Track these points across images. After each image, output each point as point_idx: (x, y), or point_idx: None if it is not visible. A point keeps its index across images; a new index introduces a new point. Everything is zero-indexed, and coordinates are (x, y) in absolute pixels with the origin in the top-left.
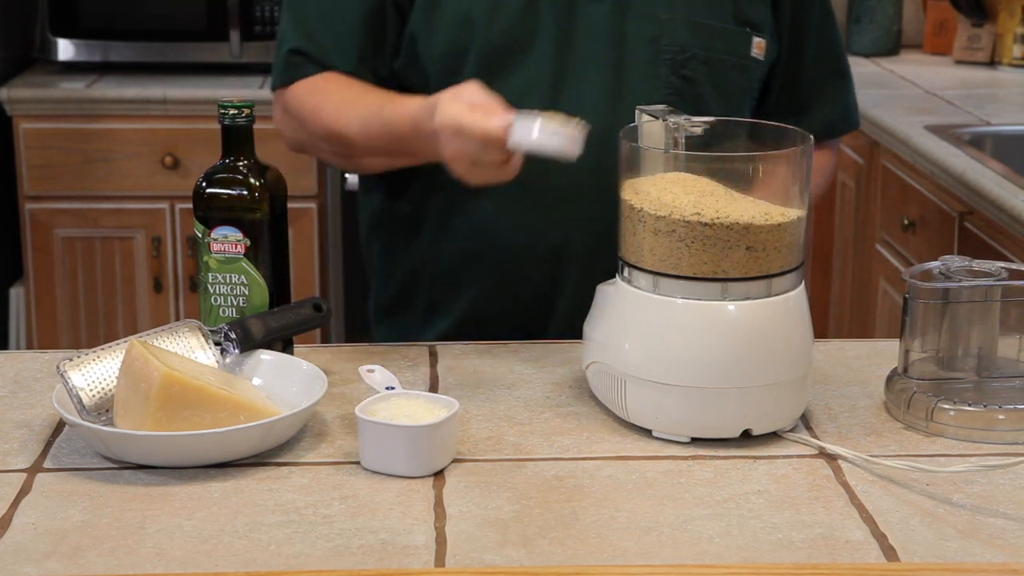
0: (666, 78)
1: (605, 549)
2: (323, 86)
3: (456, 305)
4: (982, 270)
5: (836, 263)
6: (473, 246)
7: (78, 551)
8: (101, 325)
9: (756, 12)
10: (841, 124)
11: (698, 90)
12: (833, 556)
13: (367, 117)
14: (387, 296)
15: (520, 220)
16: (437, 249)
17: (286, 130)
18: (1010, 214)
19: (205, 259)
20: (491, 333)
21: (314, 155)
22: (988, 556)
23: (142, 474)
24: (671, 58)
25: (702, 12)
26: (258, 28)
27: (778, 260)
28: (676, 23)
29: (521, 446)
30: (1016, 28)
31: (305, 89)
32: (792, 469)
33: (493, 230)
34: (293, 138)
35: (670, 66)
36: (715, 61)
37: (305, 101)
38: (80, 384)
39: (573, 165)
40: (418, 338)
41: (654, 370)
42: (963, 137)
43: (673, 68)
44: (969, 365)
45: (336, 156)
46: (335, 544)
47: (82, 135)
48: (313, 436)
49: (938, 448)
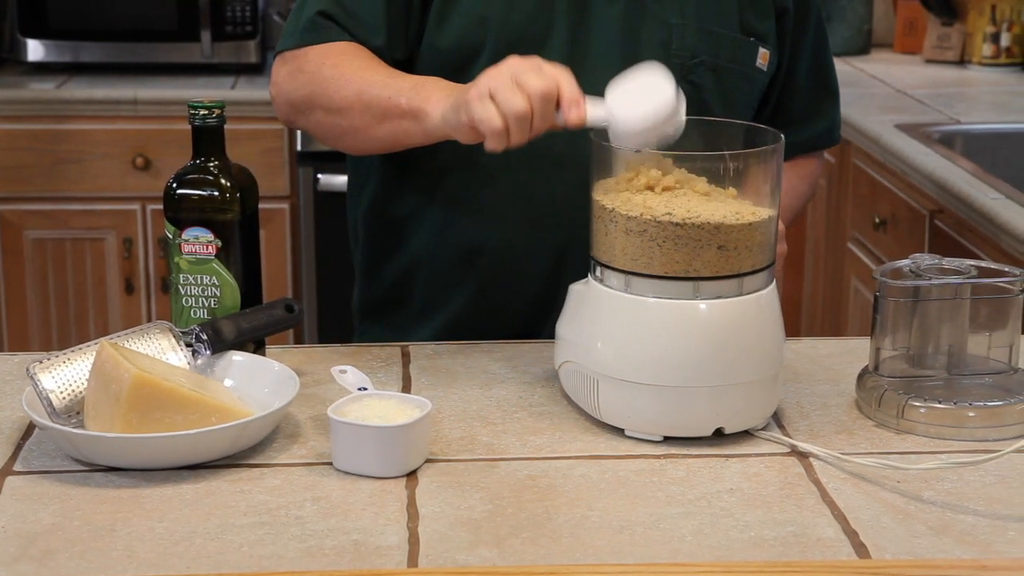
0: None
1: (578, 548)
2: (352, 51)
3: (452, 305)
4: (952, 268)
5: (808, 261)
6: (471, 247)
7: (48, 554)
8: (72, 327)
9: (762, 24)
10: (827, 139)
11: (704, 96)
12: (805, 554)
13: (389, 78)
14: (377, 294)
15: (519, 221)
16: (433, 249)
17: (290, 91)
18: (980, 212)
19: (176, 260)
20: (487, 333)
21: (303, 125)
22: (958, 552)
23: (113, 476)
24: (680, 63)
25: (711, 20)
26: (229, 28)
27: (749, 259)
28: (686, 29)
29: (494, 446)
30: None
31: (327, 52)
32: (764, 467)
33: (492, 231)
34: (291, 100)
35: (679, 71)
36: (722, 69)
37: (325, 62)
38: (50, 386)
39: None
40: (411, 337)
41: (626, 369)
42: (933, 136)
43: (682, 73)
44: (939, 363)
45: (330, 125)
46: (308, 545)
47: (52, 136)
48: (285, 437)
49: (909, 445)
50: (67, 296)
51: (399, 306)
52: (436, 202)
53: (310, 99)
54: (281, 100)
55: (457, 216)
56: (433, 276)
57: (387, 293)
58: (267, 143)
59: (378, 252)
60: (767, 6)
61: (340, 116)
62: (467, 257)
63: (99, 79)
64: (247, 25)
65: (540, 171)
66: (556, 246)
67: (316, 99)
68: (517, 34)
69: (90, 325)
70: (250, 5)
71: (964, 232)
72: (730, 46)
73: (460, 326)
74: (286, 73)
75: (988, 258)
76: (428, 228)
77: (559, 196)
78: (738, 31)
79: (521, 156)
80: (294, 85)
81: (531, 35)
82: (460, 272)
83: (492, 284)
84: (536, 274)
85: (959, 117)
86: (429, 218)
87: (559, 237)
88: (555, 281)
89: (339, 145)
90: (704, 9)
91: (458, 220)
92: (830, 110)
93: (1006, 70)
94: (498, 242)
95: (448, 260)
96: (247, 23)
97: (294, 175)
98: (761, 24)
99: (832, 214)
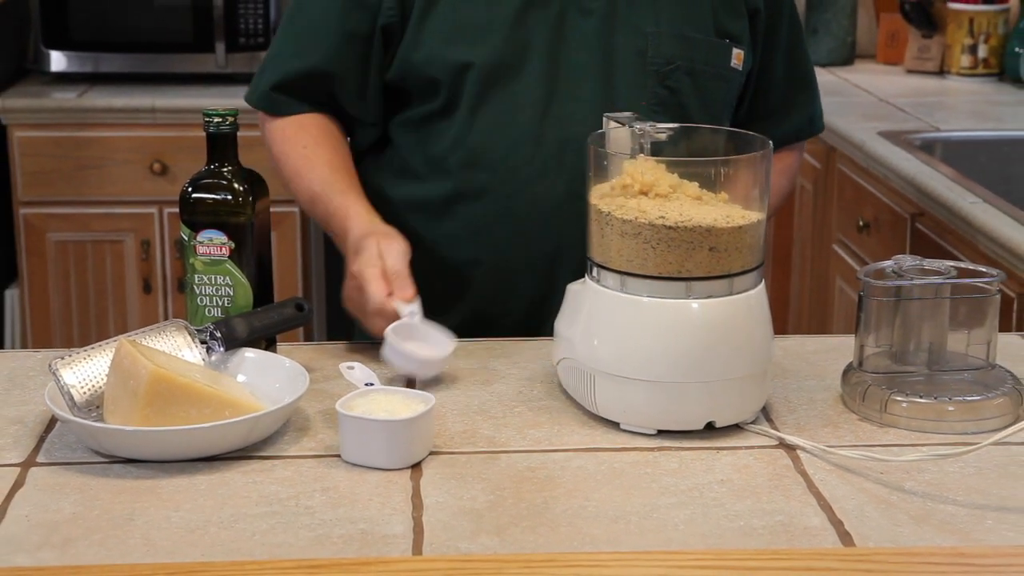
0: (652, 88)
1: (575, 537)
2: (293, 136)
3: (451, 310)
4: (932, 269)
5: (795, 262)
6: (468, 253)
7: (69, 542)
8: (92, 325)
9: (735, 25)
10: (808, 129)
11: (681, 100)
12: (792, 542)
13: (316, 194)
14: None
15: (515, 227)
16: (430, 256)
17: (268, 146)
18: (959, 215)
19: (191, 261)
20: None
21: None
22: (939, 540)
23: (131, 468)
24: (656, 69)
25: (686, 26)
26: (242, 40)
27: (739, 260)
28: (661, 36)
29: (495, 439)
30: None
31: (279, 129)
32: (753, 459)
33: (488, 236)
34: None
35: (655, 77)
36: (698, 72)
37: (276, 142)
38: (71, 381)
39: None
40: None
41: (622, 366)
42: (914, 142)
43: (658, 79)
44: (920, 359)
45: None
46: (317, 534)
47: (74, 143)
48: (295, 431)
49: (891, 438)
50: (88, 296)
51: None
52: (426, 220)
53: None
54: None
55: (449, 234)
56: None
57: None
58: None
59: None
60: (739, 7)
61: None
62: (461, 272)
63: (118, 88)
64: (259, 36)
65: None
66: (548, 255)
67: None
68: (495, 53)
69: (109, 323)
70: (262, 17)
71: (944, 234)
72: (705, 49)
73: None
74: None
75: (967, 259)
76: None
77: (553, 202)
78: (712, 34)
79: (505, 171)
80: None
81: (509, 52)
82: (455, 287)
83: (486, 297)
84: (530, 284)
85: (939, 125)
86: (422, 237)
87: (551, 245)
88: (549, 288)
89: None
90: (678, 15)
91: (450, 238)
92: (808, 103)
93: (983, 80)
94: (491, 257)
95: (443, 276)
96: (259, 34)
97: None
98: (734, 25)
99: (818, 217)
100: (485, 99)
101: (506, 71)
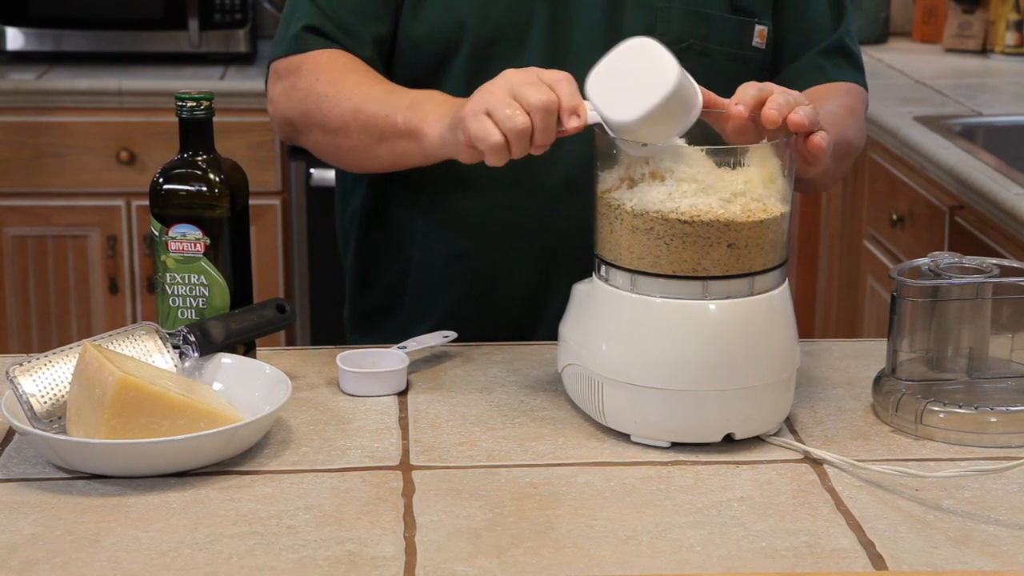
0: None
1: (582, 559)
2: (345, 62)
3: (441, 305)
4: (973, 267)
5: (822, 260)
6: (462, 245)
7: (28, 566)
8: (53, 328)
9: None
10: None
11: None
12: (819, 565)
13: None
14: (369, 304)
15: (511, 218)
16: (425, 252)
17: (285, 109)
18: (1002, 208)
19: (163, 258)
20: (477, 334)
21: (302, 144)
22: (979, 564)
23: (96, 484)
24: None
25: (698, 1)
26: (217, 16)
27: (760, 257)
28: (672, 12)
29: (494, 452)
30: (1009, 15)
31: (320, 66)
32: (776, 475)
33: (483, 228)
34: (288, 119)
35: None
36: (712, 52)
37: (319, 77)
38: (31, 390)
39: (565, 161)
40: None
41: (632, 372)
42: (954, 128)
43: None
44: (959, 366)
45: (329, 145)
46: (300, 556)
47: (32, 128)
48: (277, 443)
49: (927, 452)
50: (48, 296)
51: (390, 316)
52: (422, 212)
53: (306, 117)
54: (278, 118)
55: (443, 225)
56: (422, 283)
57: (379, 302)
58: (257, 136)
59: (369, 261)
60: None
61: (338, 136)
62: (454, 264)
63: (81, 69)
64: (237, 13)
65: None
66: (545, 248)
67: (312, 118)
68: (496, 25)
69: (72, 326)
70: None
71: (986, 229)
72: (721, 27)
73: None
74: (281, 90)
75: (1011, 256)
76: (417, 238)
77: (552, 192)
78: (728, 10)
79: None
80: (289, 103)
81: (510, 26)
82: (447, 279)
83: (480, 290)
84: (525, 278)
85: (981, 109)
86: (417, 228)
87: (548, 239)
88: (545, 283)
89: (341, 164)
90: None
91: (444, 229)
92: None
93: None
94: (484, 248)
95: (436, 268)
96: (237, 11)
97: (285, 170)
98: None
99: (848, 210)
100: (482, 76)
101: (504, 49)
